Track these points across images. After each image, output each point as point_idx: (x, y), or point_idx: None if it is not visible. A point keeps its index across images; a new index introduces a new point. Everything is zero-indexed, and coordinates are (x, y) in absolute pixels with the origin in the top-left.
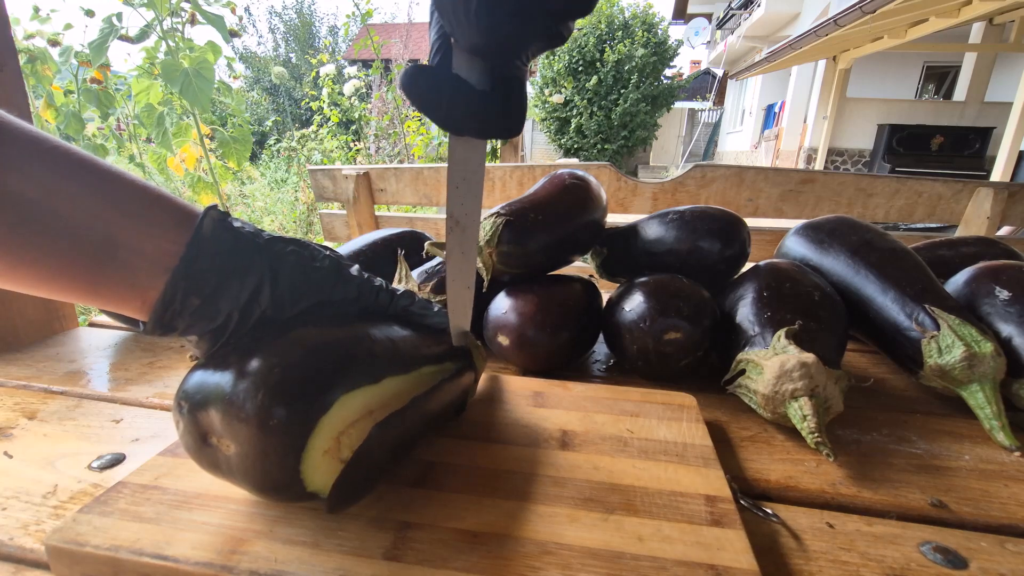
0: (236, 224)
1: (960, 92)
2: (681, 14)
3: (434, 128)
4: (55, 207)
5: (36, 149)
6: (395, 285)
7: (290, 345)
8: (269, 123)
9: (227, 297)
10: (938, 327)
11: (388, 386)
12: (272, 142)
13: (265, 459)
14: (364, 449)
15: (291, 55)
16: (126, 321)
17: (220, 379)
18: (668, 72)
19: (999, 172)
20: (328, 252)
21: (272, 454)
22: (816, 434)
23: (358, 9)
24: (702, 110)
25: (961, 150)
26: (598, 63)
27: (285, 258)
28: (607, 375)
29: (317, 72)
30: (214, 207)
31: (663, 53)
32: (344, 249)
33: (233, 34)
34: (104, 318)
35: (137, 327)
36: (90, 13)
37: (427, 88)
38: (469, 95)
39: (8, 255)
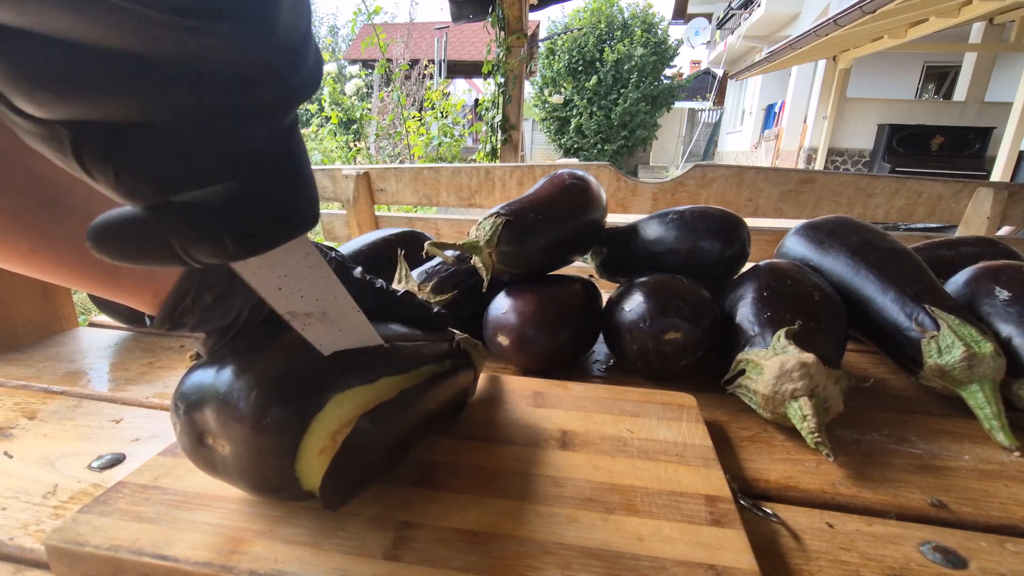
0: None
1: (960, 92)
2: (681, 14)
3: (435, 128)
4: (81, 192)
5: None
6: (395, 285)
7: (285, 346)
8: None
9: (240, 295)
10: (938, 327)
11: (384, 386)
12: None
13: (260, 459)
14: (352, 440)
15: None
16: (127, 320)
17: (215, 380)
18: (668, 72)
19: (999, 172)
20: (333, 253)
21: (267, 454)
22: (816, 434)
23: (364, 6)
24: (702, 110)
25: (961, 150)
26: (598, 63)
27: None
28: (607, 375)
29: None
30: None
31: (663, 53)
32: (344, 249)
33: None
34: (104, 318)
35: (140, 325)
36: None
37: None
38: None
39: (32, 238)
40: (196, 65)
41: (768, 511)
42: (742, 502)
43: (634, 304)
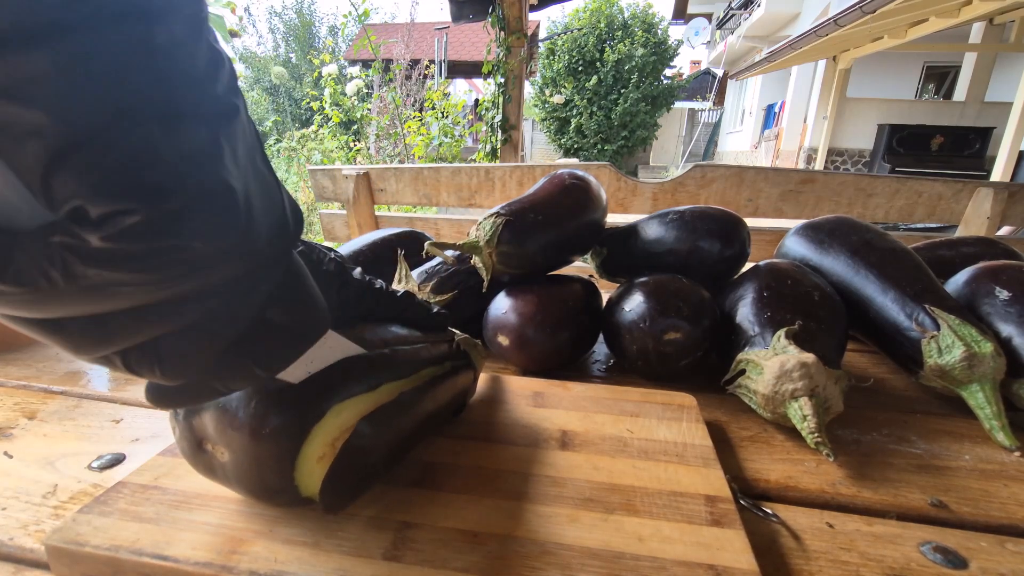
0: None
1: (960, 92)
2: (681, 14)
3: (435, 128)
4: None
5: None
6: (395, 286)
7: None
8: (269, 123)
9: None
10: (938, 327)
11: (385, 392)
12: (272, 142)
13: (259, 466)
14: (352, 444)
15: (291, 55)
16: None
17: None
18: (668, 72)
19: (999, 172)
20: (333, 255)
21: (266, 462)
22: (816, 434)
23: (355, 9)
24: (702, 110)
25: (961, 150)
26: (598, 63)
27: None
28: (607, 375)
29: (320, 72)
30: None
31: (663, 53)
32: (344, 249)
33: (233, 34)
34: None
35: None
36: None
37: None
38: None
39: None
40: (199, 292)
41: (768, 511)
42: (742, 502)
43: (634, 304)
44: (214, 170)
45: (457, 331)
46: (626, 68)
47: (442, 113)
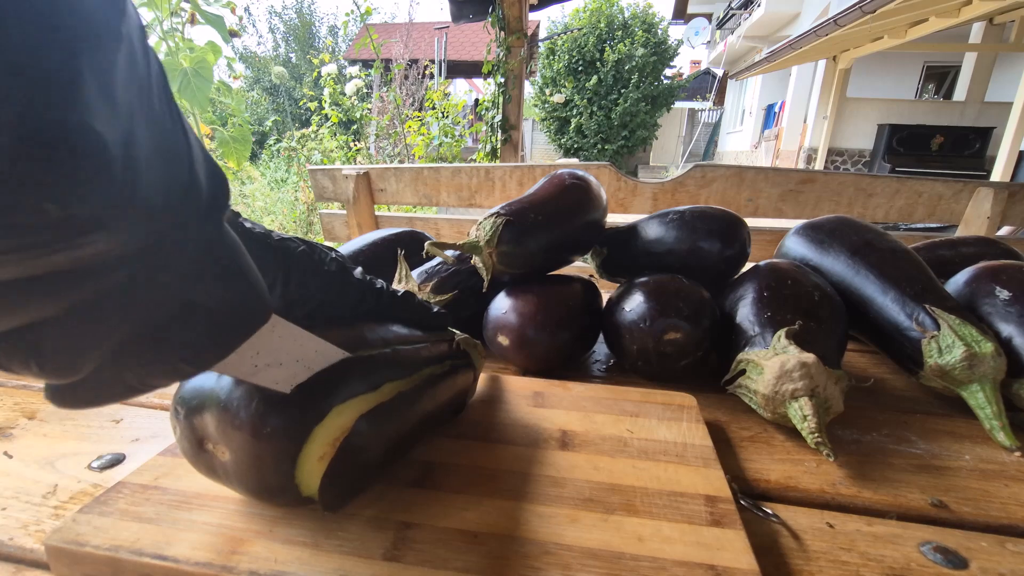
0: (247, 224)
1: (960, 92)
2: (681, 14)
3: (435, 128)
4: None
5: None
6: (395, 285)
7: None
8: (269, 123)
9: None
10: (938, 327)
11: (388, 392)
12: (272, 142)
13: (260, 466)
14: (350, 442)
15: (291, 55)
16: None
17: (216, 385)
18: (668, 72)
19: (999, 172)
20: (334, 255)
21: (266, 461)
22: (816, 434)
23: (357, 8)
24: (702, 110)
25: (961, 150)
26: (598, 63)
27: (296, 259)
28: (607, 375)
29: (319, 72)
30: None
31: (663, 53)
32: (344, 249)
33: (233, 34)
34: None
35: None
36: None
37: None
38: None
39: None
40: (85, 264)
41: (768, 511)
42: (742, 502)
43: (634, 304)
44: (62, 106)
45: (457, 331)
46: (626, 68)
47: (442, 113)
